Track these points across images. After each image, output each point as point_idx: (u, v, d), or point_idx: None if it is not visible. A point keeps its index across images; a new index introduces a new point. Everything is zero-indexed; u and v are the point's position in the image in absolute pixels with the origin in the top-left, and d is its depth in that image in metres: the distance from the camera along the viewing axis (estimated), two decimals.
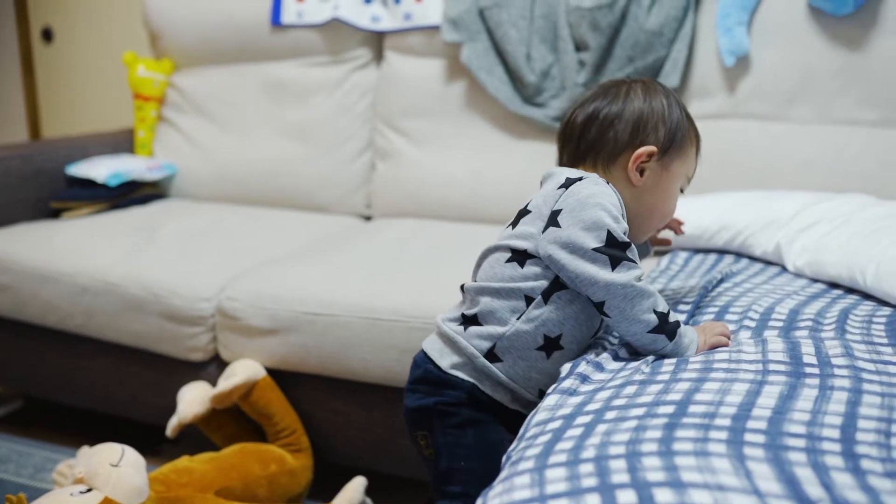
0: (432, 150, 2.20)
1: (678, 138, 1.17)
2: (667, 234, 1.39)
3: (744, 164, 1.86)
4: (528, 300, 1.11)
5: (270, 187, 2.38)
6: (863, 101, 1.82)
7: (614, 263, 1.05)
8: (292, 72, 2.38)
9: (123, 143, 2.59)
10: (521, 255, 1.12)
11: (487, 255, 1.18)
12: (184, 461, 1.53)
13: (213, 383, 1.73)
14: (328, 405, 1.71)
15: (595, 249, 1.05)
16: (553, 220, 1.09)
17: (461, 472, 1.16)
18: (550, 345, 1.12)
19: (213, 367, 1.79)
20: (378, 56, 2.35)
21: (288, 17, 2.34)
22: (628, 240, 1.08)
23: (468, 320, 1.15)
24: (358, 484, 1.62)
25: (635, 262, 1.07)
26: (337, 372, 1.65)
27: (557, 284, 1.10)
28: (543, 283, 1.10)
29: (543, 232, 1.10)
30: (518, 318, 1.11)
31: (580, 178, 1.12)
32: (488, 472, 1.02)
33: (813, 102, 1.86)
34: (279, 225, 2.18)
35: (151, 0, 2.55)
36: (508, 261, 1.13)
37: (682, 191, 1.23)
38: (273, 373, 1.70)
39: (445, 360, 1.16)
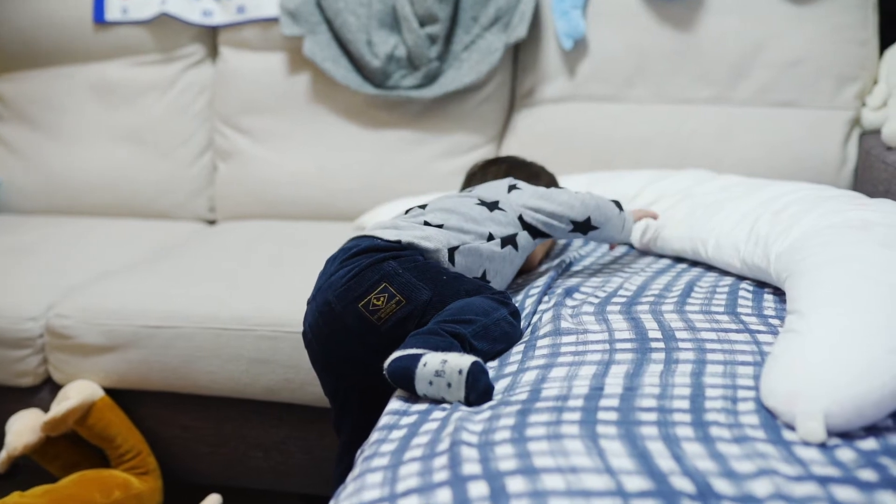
0: (276, 147, 2.12)
1: None
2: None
3: (586, 146, 1.88)
4: (490, 237, 1.22)
5: (105, 196, 2.23)
6: (696, 80, 1.87)
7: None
8: (121, 72, 2.23)
9: None
10: (491, 204, 1.26)
11: (448, 197, 1.28)
12: (14, 498, 1.41)
13: (48, 409, 1.60)
14: (175, 422, 1.61)
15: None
16: (512, 188, 1.30)
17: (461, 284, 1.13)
18: (483, 276, 1.23)
19: (45, 391, 1.66)
20: (213, 52, 2.24)
21: (112, 13, 2.20)
22: None
23: (433, 225, 1.20)
24: (213, 502, 1.54)
25: None
26: (182, 387, 1.56)
27: (514, 237, 1.24)
28: (504, 231, 1.23)
29: (508, 193, 1.28)
30: (477, 242, 1.20)
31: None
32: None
33: (649, 83, 1.90)
34: (115, 235, 2.04)
35: None
36: (478, 205, 1.25)
37: None
38: (112, 392, 1.59)
39: (401, 235, 1.15)
